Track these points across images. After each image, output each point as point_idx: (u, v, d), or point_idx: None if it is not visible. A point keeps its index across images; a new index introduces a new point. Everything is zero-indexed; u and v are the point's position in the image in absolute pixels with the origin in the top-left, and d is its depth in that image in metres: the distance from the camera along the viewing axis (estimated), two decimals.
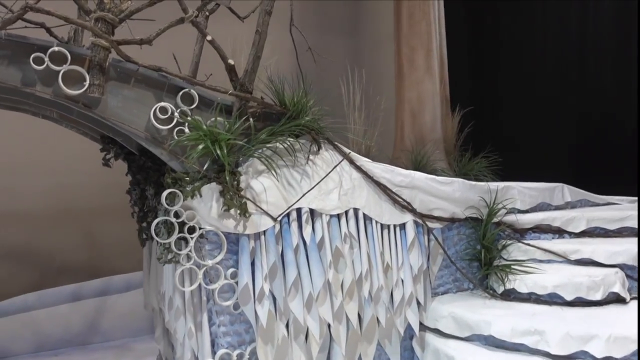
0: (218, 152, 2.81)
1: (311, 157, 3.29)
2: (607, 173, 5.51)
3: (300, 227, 3.19)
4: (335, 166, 3.29)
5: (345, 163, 3.40)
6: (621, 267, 3.68)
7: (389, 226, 3.52)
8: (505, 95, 6.64)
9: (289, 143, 3.19)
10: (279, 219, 3.11)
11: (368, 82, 5.16)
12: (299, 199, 3.15)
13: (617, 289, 3.47)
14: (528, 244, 3.88)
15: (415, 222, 3.61)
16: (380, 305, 3.42)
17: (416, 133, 5.02)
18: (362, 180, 3.45)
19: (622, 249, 3.70)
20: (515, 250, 3.94)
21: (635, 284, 3.70)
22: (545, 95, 6.39)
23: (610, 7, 5.79)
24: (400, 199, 3.53)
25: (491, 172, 5.03)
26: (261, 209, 3.05)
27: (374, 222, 3.45)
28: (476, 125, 6.33)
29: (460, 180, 3.87)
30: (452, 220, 3.81)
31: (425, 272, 3.62)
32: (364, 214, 3.42)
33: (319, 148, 3.32)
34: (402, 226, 3.57)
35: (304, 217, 3.19)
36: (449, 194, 3.76)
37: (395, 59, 5.12)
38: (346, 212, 3.35)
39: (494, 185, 4.00)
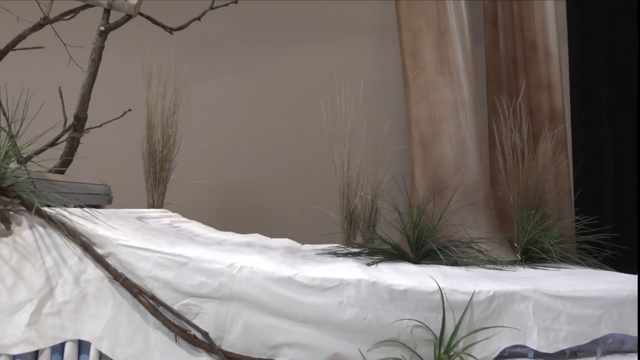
0: None
1: None
2: None
3: None
4: None
5: (70, 253, 1.78)
6: None
7: None
8: None
9: None
10: None
11: (372, 97, 3.31)
12: None
13: None
14: None
15: None
16: None
17: (429, 176, 2.88)
18: (107, 285, 1.76)
19: None
20: None
21: None
22: None
23: None
24: (186, 324, 1.72)
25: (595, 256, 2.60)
26: None
27: None
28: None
29: (365, 279, 1.79)
30: None
31: None
32: (100, 355, 1.72)
33: (6, 222, 1.79)
34: None
35: None
36: (328, 311, 1.74)
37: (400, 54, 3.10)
38: (60, 349, 1.72)
39: (460, 292, 1.79)
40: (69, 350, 1.71)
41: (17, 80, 2.85)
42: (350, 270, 1.92)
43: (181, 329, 1.71)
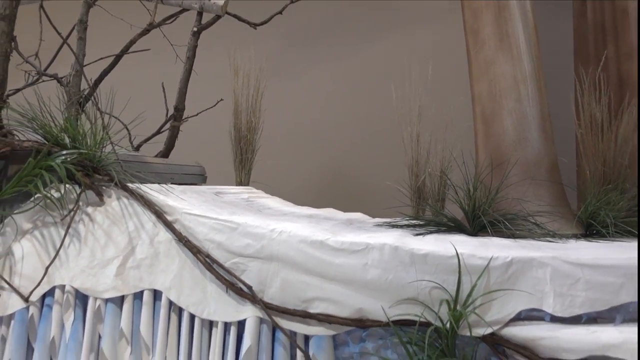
0: None
1: (89, 209, 2.23)
2: None
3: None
4: (67, 215, 2.12)
5: (147, 219, 2.18)
6: None
7: (217, 324, 2.07)
8: None
9: (58, 190, 2.24)
10: (32, 298, 2.20)
11: (442, 79, 3.41)
12: (45, 273, 2.16)
13: None
14: None
15: (264, 321, 2.02)
16: None
17: (490, 151, 2.90)
18: (174, 246, 2.14)
19: None
20: None
21: None
22: None
23: None
24: (234, 278, 2.03)
25: None
26: (8, 284, 2.22)
27: (185, 315, 2.09)
28: None
29: (389, 244, 1.97)
30: (360, 323, 1.97)
31: None
32: (170, 302, 2.10)
33: (100, 195, 2.22)
34: (242, 325, 2.05)
35: (64, 299, 2.17)
36: (354, 271, 1.96)
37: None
38: (140, 296, 2.13)
39: (478, 257, 1.89)
40: (147, 297, 2.12)
41: (123, 79, 3.37)
42: (386, 238, 2.10)
43: (231, 283, 2.04)
